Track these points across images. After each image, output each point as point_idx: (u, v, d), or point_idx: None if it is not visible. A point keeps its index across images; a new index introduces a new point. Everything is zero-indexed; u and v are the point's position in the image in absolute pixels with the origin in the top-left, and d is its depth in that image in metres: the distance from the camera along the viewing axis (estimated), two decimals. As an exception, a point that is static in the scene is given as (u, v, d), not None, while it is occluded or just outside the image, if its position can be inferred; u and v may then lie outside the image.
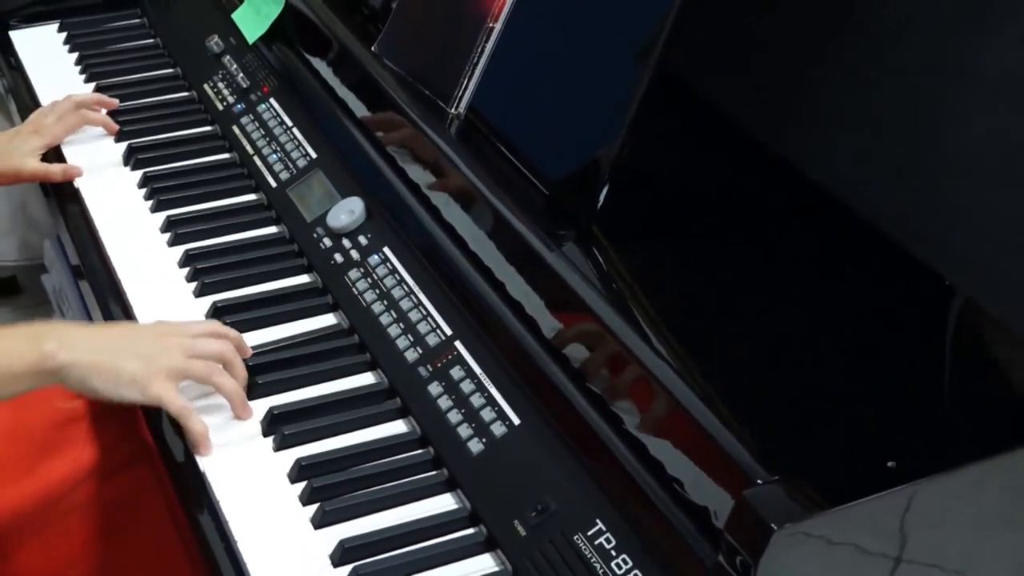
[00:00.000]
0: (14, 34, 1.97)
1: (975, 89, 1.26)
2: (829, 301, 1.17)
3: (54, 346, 1.24)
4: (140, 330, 1.35)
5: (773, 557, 0.87)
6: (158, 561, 1.46)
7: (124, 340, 1.28)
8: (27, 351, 1.24)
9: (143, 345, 1.27)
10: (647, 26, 1.20)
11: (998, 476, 0.94)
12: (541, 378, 1.16)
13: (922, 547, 0.93)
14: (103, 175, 1.65)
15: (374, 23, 1.56)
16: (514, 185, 1.28)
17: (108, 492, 1.45)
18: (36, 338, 1.25)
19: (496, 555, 1.11)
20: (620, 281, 1.19)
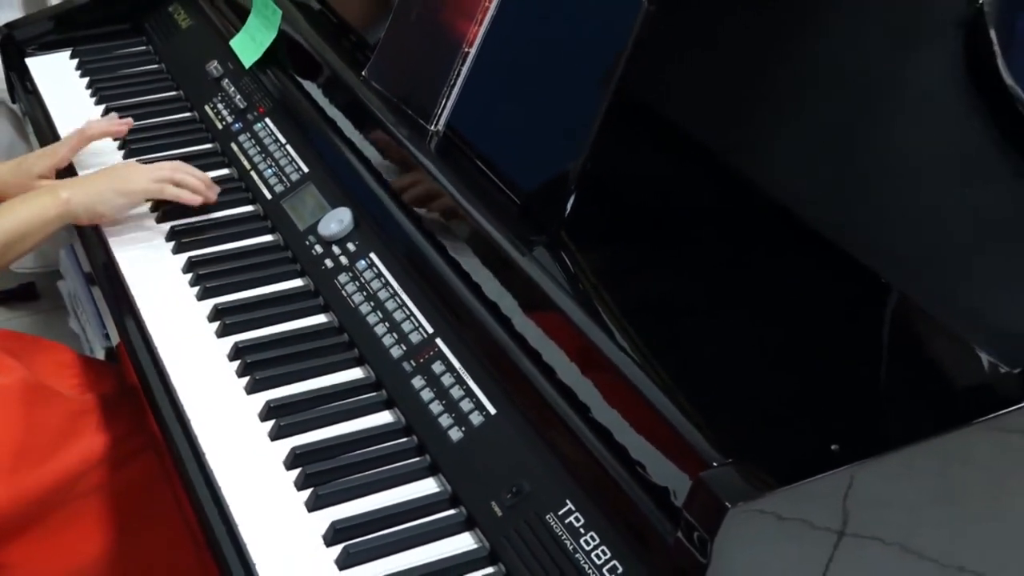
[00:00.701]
0: (30, 61, 1.96)
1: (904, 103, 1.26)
2: (775, 299, 1.17)
3: (67, 194, 1.47)
4: (117, 167, 1.59)
5: (728, 533, 0.87)
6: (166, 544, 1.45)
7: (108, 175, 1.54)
8: (50, 202, 1.46)
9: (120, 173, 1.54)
10: (608, 50, 1.20)
11: (929, 457, 0.94)
12: (515, 371, 1.15)
13: (863, 521, 0.93)
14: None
15: (360, 50, 1.56)
16: (488, 195, 1.28)
17: (118, 480, 1.45)
18: (52, 191, 1.48)
19: (475, 534, 1.11)
20: (586, 282, 1.19)
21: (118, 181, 1.51)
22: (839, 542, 0.92)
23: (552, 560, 1.02)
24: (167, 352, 1.35)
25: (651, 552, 0.97)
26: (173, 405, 1.29)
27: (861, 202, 1.25)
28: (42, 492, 1.39)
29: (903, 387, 1.09)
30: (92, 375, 1.59)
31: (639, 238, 1.28)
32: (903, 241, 1.20)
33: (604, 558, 1.00)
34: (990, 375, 1.04)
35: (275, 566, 1.09)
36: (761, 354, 1.11)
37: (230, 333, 1.36)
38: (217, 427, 1.25)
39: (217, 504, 1.17)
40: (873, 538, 0.94)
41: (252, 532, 1.13)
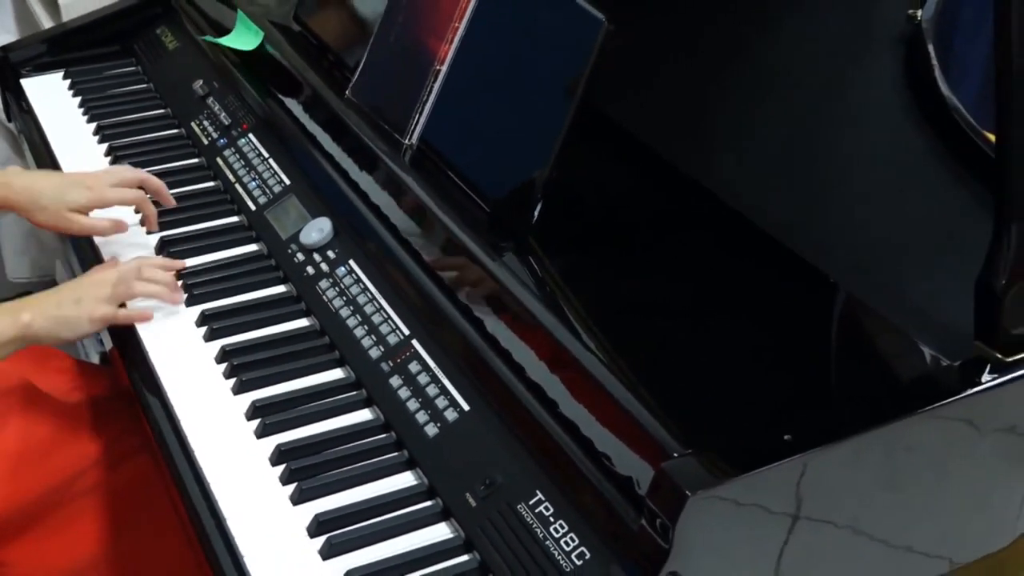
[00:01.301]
0: (25, 82, 1.94)
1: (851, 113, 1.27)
2: (730, 298, 1.18)
3: (27, 317, 1.32)
4: (78, 280, 1.42)
5: (688, 519, 0.87)
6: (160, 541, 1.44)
7: (69, 293, 1.37)
8: (9, 325, 1.31)
9: (82, 292, 1.37)
10: (571, 66, 1.20)
11: (877, 445, 0.94)
12: (487, 370, 1.15)
13: (816, 506, 0.93)
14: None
15: (336, 68, 1.56)
16: (460, 204, 1.28)
17: (114, 480, 1.44)
18: (13, 313, 1.33)
19: (451, 524, 1.10)
20: (553, 284, 1.19)
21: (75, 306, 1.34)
22: (794, 526, 0.93)
23: (524, 547, 1.02)
24: (158, 356, 1.34)
25: (617, 539, 0.97)
26: (164, 407, 1.28)
27: (811, 206, 1.26)
28: (40, 493, 1.38)
29: (852, 380, 1.09)
30: (87, 378, 1.58)
31: (602, 242, 1.28)
32: (850, 243, 1.21)
33: (572, 545, 1.00)
34: (932, 368, 1.04)
35: (262, 558, 1.09)
36: (717, 350, 1.11)
37: (217, 337, 1.35)
38: (206, 427, 1.24)
39: (207, 500, 1.16)
40: (825, 521, 0.95)
41: (240, 526, 1.12)
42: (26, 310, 1.33)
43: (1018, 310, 0.99)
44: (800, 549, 0.94)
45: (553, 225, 1.22)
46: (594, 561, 0.98)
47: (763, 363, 1.09)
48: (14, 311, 1.33)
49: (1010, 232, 0.97)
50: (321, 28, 1.65)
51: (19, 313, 1.32)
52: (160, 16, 1.98)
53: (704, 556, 0.90)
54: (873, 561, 0.99)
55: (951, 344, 1.03)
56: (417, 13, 1.43)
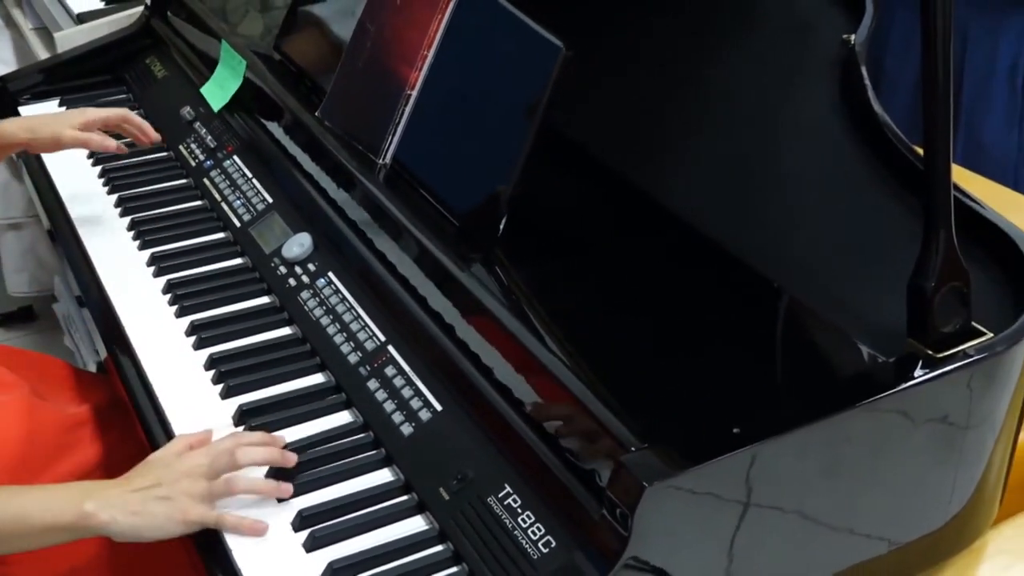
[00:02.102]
0: (23, 109, 1.93)
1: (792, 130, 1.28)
2: (683, 304, 1.18)
3: (92, 507, 1.07)
4: (164, 468, 1.11)
5: (646, 508, 0.87)
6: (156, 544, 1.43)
7: (152, 487, 1.09)
8: (68, 509, 1.08)
9: (168, 485, 1.09)
10: (532, 89, 1.20)
11: (819, 437, 0.95)
12: (457, 373, 1.15)
13: (765, 493, 0.93)
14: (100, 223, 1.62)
15: (315, 94, 1.55)
16: (431, 219, 1.27)
17: (111, 482, 1.41)
18: (77, 498, 1.08)
19: (426, 516, 1.09)
20: (518, 292, 1.18)
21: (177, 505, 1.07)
22: (745, 512, 0.93)
23: (494, 537, 1.02)
24: (150, 364, 1.33)
25: (580, 528, 0.96)
26: (156, 412, 1.28)
27: (756, 217, 1.26)
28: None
29: (796, 376, 1.10)
30: (85, 387, 1.57)
31: (562, 253, 1.28)
32: (792, 251, 1.21)
33: (539, 534, 0.99)
34: (869, 365, 1.04)
35: (250, 552, 1.08)
36: (672, 352, 1.11)
37: (205, 346, 1.34)
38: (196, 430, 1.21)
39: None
40: (773, 507, 0.95)
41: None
42: (91, 499, 1.07)
43: (946, 310, 0.99)
44: (751, 533, 0.94)
45: (517, 237, 1.21)
46: (559, 549, 0.97)
47: (713, 363, 1.09)
48: (79, 497, 1.08)
49: (938, 239, 0.98)
50: (300, 56, 1.65)
51: (83, 501, 1.07)
52: (149, 47, 1.97)
53: (661, 542, 0.90)
54: (818, 543, 0.99)
55: (886, 342, 1.03)
56: (387, 42, 1.43)
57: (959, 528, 1.07)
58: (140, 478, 1.11)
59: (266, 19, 1.94)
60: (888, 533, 1.03)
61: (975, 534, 1.09)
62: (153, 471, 1.11)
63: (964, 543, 1.09)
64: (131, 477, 1.12)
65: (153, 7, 1.97)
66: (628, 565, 0.89)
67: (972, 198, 1.13)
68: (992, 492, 1.08)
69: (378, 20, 1.46)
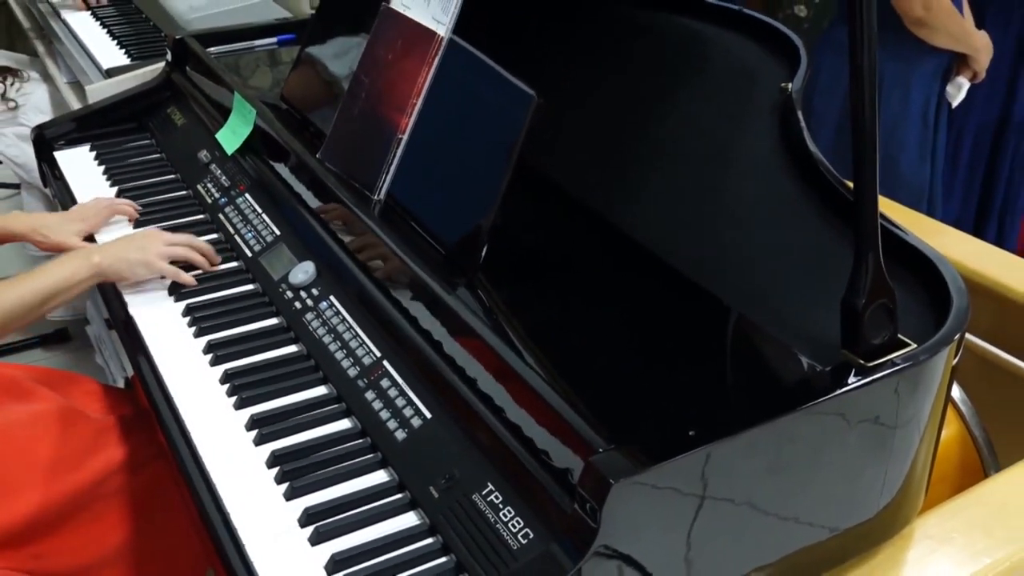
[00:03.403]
0: (58, 154, 1.92)
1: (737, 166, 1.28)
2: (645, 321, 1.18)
3: (99, 258, 1.42)
4: (139, 236, 1.50)
5: (613, 502, 0.87)
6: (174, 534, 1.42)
7: (130, 242, 1.47)
8: (83, 265, 1.41)
9: (141, 241, 1.47)
10: (509, 132, 1.21)
11: (766, 437, 0.94)
12: (445, 384, 1.14)
13: (719, 487, 0.93)
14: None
15: (318, 139, 1.54)
16: (421, 248, 1.27)
17: (135, 483, 1.42)
18: (85, 256, 1.42)
19: (417, 513, 1.09)
20: (498, 312, 1.18)
21: (139, 251, 1.45)
22: (701, 504, 0.92)
23: (478, 530, 1.01)
24: (171, 380, 1.32)
25: (555, 521, 0.96)
26: (177, 421, 1.26)
27: (708, 243, 1.26)
28: (73, 495, 1.36)
29: (744, 384, 1.10)
30: (113, 400, 1.56)
31: (537, 276, 1.28)
32: (740, 272, 1.21)
33: (519, 527, 0.99)
34: (809, 373, 1.04)
35: (261, 545, 1.07)
36: (636, 364, 1.11)
37: (221, 362, 1.33)
38: (212, 437, 1.22)
39: (213, 498, 1.14)
40: (726, 499, 0.94)
41: (242, 519, 1.10)
42: (96, 253, 1.43)
43: (875, 324, 0.99)
44: (707, 523, 0.93)
45: (498, 263, 1.21)
46: (536, 540, 0.97)
47: (672, 372, 1.09)
48: (87, 254, 1.42)
49: (867, 261, 0.98)
50: (303, 105, 1.65)
51: (91, 257, 1.42)
52: (170, 98, 1.97)
53: (627, 532, 0.89)
54: (766, 531, 0.99)
55: (823, 353, 1.03)
56: (380, 92, 1.43)
57: (890, 517, 1.07)
58: (123, 240, 1.48)
59: (274, 73, 1.94)
60: (827, 521, 1.02)
61: (904, 522, 1.09)
62: (134, 236, 1.50)
63: (894, 530, 1.09)
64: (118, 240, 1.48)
65: (173, 62, 1.96)
66: (598, 553, 0.88)
67: (896, 225, 1.13)
68: (918, 485, 1.08)
69: (372, 73, 1.46)
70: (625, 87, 1.45)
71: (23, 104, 2.47)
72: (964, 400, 1.33)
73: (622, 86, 1.46)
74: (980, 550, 1.07)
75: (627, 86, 1.45)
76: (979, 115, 2.74)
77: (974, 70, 2.31)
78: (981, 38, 2.27)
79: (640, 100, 1.42)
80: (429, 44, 1.37)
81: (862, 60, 0.93)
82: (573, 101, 1.43)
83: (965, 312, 1.04)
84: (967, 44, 2.24)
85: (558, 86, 1.27)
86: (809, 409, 0.95)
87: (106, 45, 2.32)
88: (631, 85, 1.45)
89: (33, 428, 1.38)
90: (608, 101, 1.45)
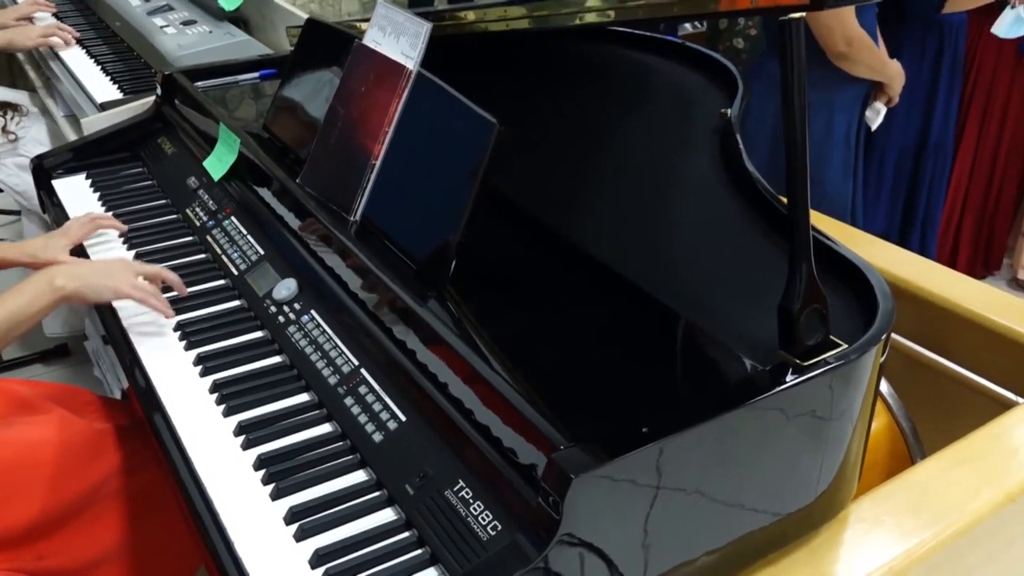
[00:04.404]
0: (56, 182, 1.89)
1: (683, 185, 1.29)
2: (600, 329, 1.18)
3: (62, 281, 1.32)
4: (111, 263, 1.40)
5: (574, 495, 0.86)
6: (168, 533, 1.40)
7: (100, 267, 1.37)
8: (47, 290, 1.31)
9: (109, 269, 1.37)
10: (473, 157, 1.20)
11: (713, 431, 0.94)
12: (418, 389, 1.14)
13: (671, 478, 0.93)
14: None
15: (298, 165, 1.53)
16: (393, 264, 1.26)
17: (131, 486, 1.40)
18: (49, 278, 1.32)
19: (395, 509, 1.08)
20: (467, 322, 1.18)
21: (106, 278, 1.35)
22: (655, 494, 0.92)
23: (450, 524, 1.00)
24: (164, 390, 1.30)
25: (521, 513, 0.95)
26: (169, 429, 1.24)
27: (657, 255, 1.27)
28: (74, 498, 1.34)
29: (691, 384, 1.10)
30: (110, 410, 1.54)
31: (502, 288, 1.28)
32: (686, 282, 1.22)
33: (488, 519, 0.98)
34: (751, 372, 1.05)
35: (249, 542, 1.05)
36: (594, 369, 1.11)
37: (210, 373, 1.32)
38: (203, 443, 1.20)
39: (204, 500, 1.12)
40: (678, 489, 0.94)
41: (231, 518, 1.09)
42: (59, 276, 1.32)
43: (809, 327, 1.00)
44: (661, 511, 0.93)
45: (465, 277, 1.21)
46: (504, 531, 0.96)
47: (627, 376, 1.09)
48: (48, 277, 1.31)
49: (801, 270, 0.99)
50: (285, 134, 1.63)
51: (53, 280, 1.31)
52: (160, 129, 1.95)
53: (588, 522, 0.89)
54: (715, 517, 0.99)
55: (762, 354, 1.04)
56: (355, 121, 1.42)
57: (827, 502, 1.07)
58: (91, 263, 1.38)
59: (257, 105, 1.93)
60: (771, 507, 1.03)
61: (840, 507, 1.10)
62: (104, 263, 1.40)
63: (831, 514, 1.10)
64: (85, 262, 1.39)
65: (163, 96, 1.94)
66: (561, 541, 0.88)
67: (827, 237, 1.14)
68: (852, 472, 1.09)
69: (347, 104, 1.45)
70: (580, 114, 1.46)
71: (23, 136, 2.43)
72: (891, 394, 1.34)
73: (578, 113, 1.46)
74: (909, 531, 1.07)
75: (582, 113, 1.46)
76: (900, 137, 2.78)
77: (889, 96, 2.36)
78: (895, 67, 2.32)
79: (594, 125, 1.43)
80: (399, 77, 1.36)
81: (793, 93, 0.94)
82: (533, 128, 1.43)
83: (891, 314, 1.05)
84: (883, 74, 2.30)
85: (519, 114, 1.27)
86: (751, 405, 0.96)
87: (100, 80, 2.30)
88: (586, 112, 1.45)
89: (38, 439, 1.36)
90: (565, 127, 1.46)
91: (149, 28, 2.48)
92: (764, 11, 0.96)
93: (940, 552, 1.07)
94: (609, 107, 1.43)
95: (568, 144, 1.43)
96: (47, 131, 2.49)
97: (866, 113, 2.38)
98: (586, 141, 1.41)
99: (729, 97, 1.27)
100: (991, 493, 1.11)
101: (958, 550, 1.09)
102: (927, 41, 2.76)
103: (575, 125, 1.44)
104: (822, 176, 2.34)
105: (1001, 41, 2.81)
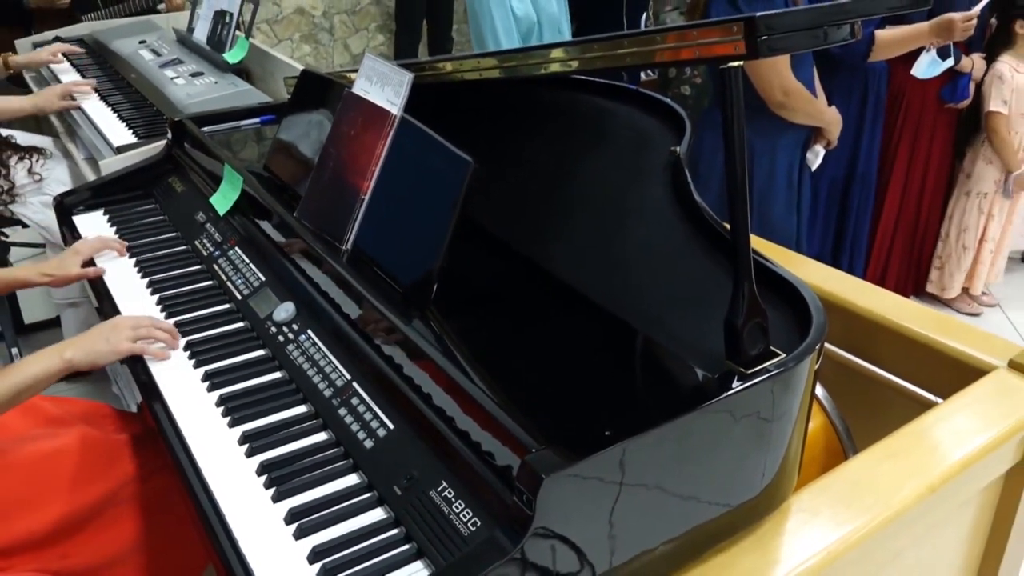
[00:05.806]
0: (76, 218, 1.87)
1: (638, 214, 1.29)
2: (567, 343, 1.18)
3: (70, 354, 1.31)
4: (106, 328, 1.37)
5: (545, 493, 0.86)
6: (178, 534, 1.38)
7: (99, 334, 1.35)
8: (55, 362, 1.30)
9: (108, 333, 1.35)
10: (451, 192, 1.20)
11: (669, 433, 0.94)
12: (404, 400, 1.13)
13: (634, 475, 0.92)
14: (136, 300, 1.56)
15: (295, 201, 1.53)
16: (382, 288, 1.25)
17: (145, 491, 1.38)
18: (58, 353, 1.31)
19: (384, 508, 1.07)
20: (448, 340, 1.17)
21: (106, 343, 1.34)
22: (620, 490, 0.92)
23: (435, 521, 0.99)
24: (174, 403, 1.29)
25: (498, 510, 0.95)
26: (179, 438, 1.23)
27: (618, 277, 1.27)
28: (93, 503, 1.32)
29: (649, 391, 1.10)
30: (126, 422, 1.52)
31: (479, 308, 1.27)
32: (644, 301, 1.22)
33: (469, 516, 0.97)
34: (701, 380, 1.05)
35: (253, 541, 1.04)
36: (562, 379, 1.10)
37: (216, 388, 1.30)
38: (210, 451, 1.19)
39: (211, 503, 1.11)
40: (640, 485, 0.94)
41: (236, 519, 1.07)
42: (68, 349, 1.32)
43: (752, 339, 1.00)
44: (624, 505, 0.93)
45: (446, 299, 1.20)
46: (484, 527, 0.96)
47: (592, 385, 1.09)
48: (59, 351, 1.31)
49: (743, 288, 0.99)
50: (283, 173, 1.63)
51: (63, 353, 1.31)
52: (171, 169, 1.93)
53: (559, 517, 0.89)
54: (673, 510, 0.98)
55: (711, 364, 1.04)
56: (345, 161, 1.42)
57: (771, 494, 1.07)
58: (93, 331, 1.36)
59: (258, 147, 1.92)
60: (722, 500, 1.03)
61: (782, 499, 1.10)
62: (100, 328, 1.37)
63: (774, 505, 1.10)
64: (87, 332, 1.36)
65: (173, 140, 1.93)
66: (535, 535, 0.87)
67: (767, 259, 1.15)
68: (792, 467, 1.09)
69: (338, 145, 1.45)
70: (548, 152, 1.46)
71: (47, 177, 2.41)
72: (826, 397, 1.35)
73: (546, 151, 1.47)
74: (843, 520, 1.07)
75: (549, 151, 1.46)
76: (831, 170, 2.81)
77: (828, 139, 2.37)
78: (832, 114, 2.34)
79: (560, 162, 1.43)
80: (384, 121, 1.36)
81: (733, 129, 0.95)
82: (506, 164, 1.43)
83: (823, 326, 1.06)
84: (821, 120, 2.31)
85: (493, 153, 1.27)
86: (703, 409, 0.96)
87: (116, 126, 2.28)
88: (553, 150, 1.46)
89: (61, 449, 1.35)
90: (534, 163, 1.46)
91: (161, 79, 2.47)
92: (706, 60, 0.97)
93: (871, 538, 1.07)
94: (573, 145, 1.44)
95: (537, 179, 1.43)
96: (69, 172, 2.47)
97: (807, 155, 2.39)
98: (553, 176, 1.42)
99: (678, 137, 1.28)
100: (915, 484, 1.11)
101: (887, 536, 1.09)
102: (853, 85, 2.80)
103: (543, 162, 1.45)
104: (768, 213, 2.35)
105: (925, 84, 2.85)
